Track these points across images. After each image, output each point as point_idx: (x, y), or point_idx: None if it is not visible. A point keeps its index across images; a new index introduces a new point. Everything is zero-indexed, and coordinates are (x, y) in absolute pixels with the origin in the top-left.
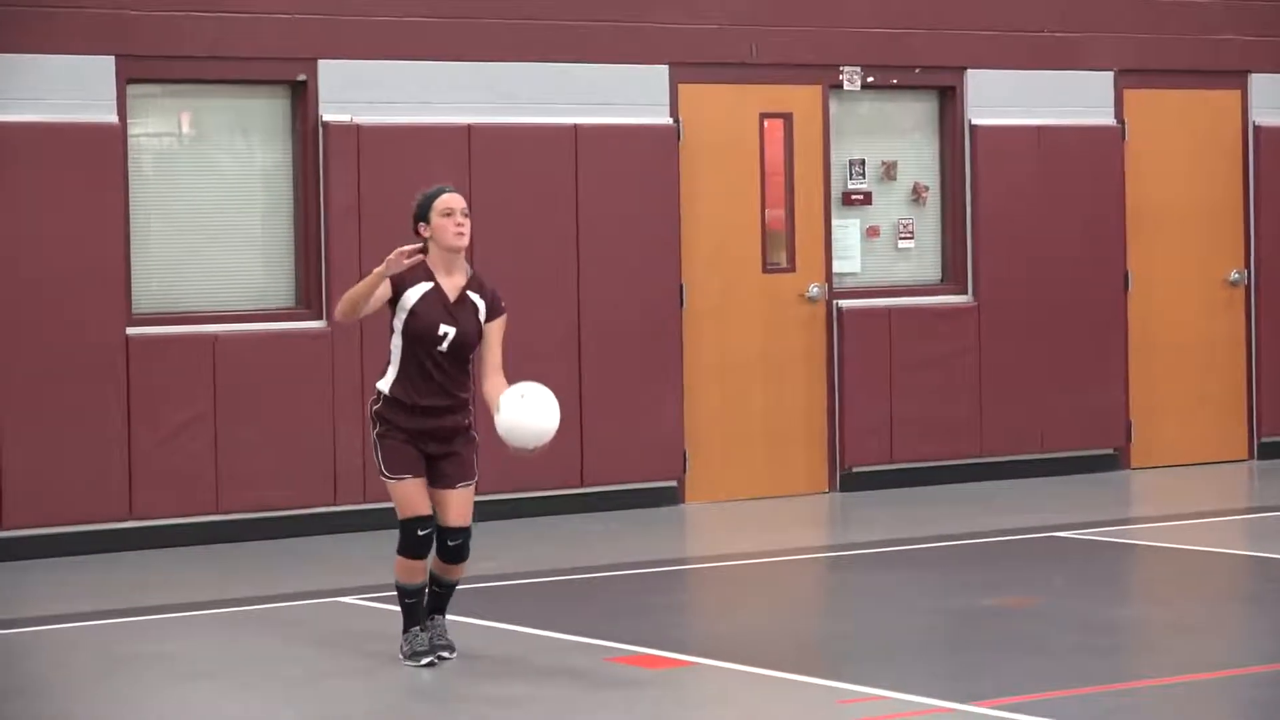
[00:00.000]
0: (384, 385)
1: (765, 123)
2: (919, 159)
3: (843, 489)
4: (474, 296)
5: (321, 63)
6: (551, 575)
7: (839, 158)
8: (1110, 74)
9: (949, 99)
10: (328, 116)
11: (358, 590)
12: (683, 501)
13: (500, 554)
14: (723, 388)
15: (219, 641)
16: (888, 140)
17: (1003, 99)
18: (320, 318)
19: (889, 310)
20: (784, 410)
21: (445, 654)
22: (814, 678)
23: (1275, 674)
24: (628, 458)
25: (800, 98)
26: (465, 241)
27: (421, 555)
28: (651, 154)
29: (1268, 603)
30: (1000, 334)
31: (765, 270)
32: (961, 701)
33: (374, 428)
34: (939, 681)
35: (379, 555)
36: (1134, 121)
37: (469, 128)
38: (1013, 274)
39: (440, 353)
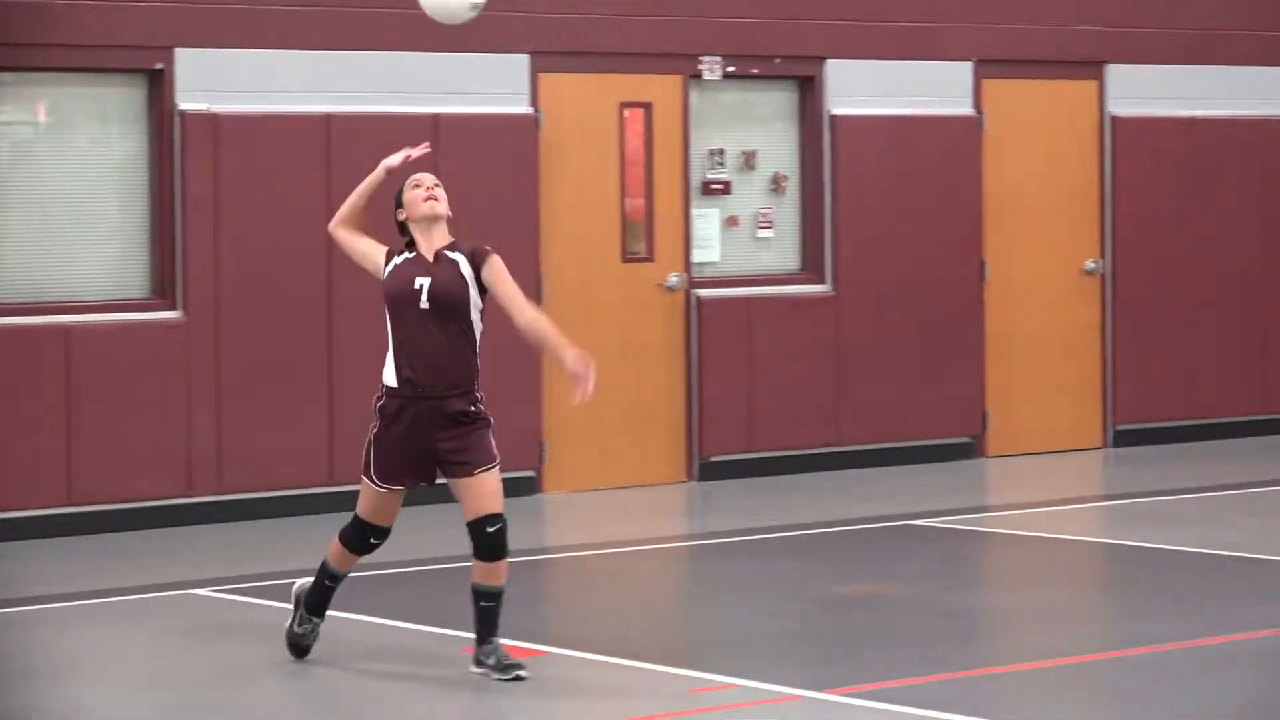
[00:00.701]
0: (385, 376)
1: (625, 112)
2: (779, 149)
3: (702, 478)
4: (451, 254)
5: (178, 51)
6: (411, 566)
7: (699, 147)
8: (969, 64)
9: (809, 89)
10: (184, 105)
11: (214, 582)
12: (541, 492)
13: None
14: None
15: (74, 635)
16: (748, 130)
17: (862, 89)
18: (175, 308)
19: (748, 299)
20: (643, 400)
21: (522, 672)
22: (668, 666)
23: (1127, 659)
24: None
25: (660, 87)
26: (439, 208)
27: (363, 553)
28: (511, 143)
29: (1121, 589)
30: (858, 323)
31: (624, 260)
32: (815, 689)
33: (373, 425)
34: (794, 669)
35: (235, 545)
36: (992, 112)
37: (328, 117)
38: (871, 263)
39: (424, 312)
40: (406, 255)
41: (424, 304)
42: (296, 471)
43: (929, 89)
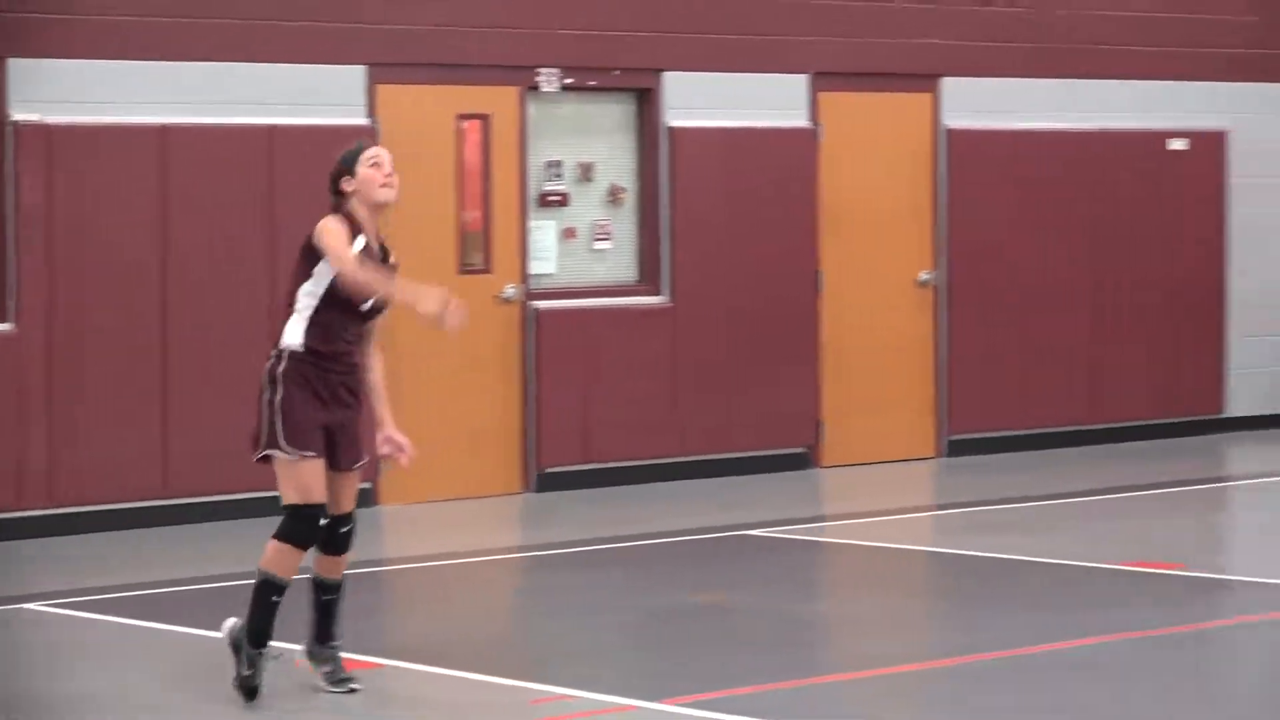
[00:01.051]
0: (293, 339)
1: (462, 124)
2: (616, 161)
3: (539, 489)
4: (392, 257)
5: (10, 62)
6: (237, 580)
7: (536, 159)
8: (805, 77)
9: (646, 101)
10: (17, 115)
11: (43, 597)
12: (378, 504)
13: (193, 559)
14: (416, 390)
15: None
16: (585, 142)
17: (699, 101)
18: (7, 320)
19: (585, 311)
20: (479, 412)
21: (355, 685)
22: (506, 678)
23: (960, 667)
24: None
25: (498, 99)
26: (394, 195)
27: (313, 543)
28: None
29: (953, 597)
30: (695, 334)
31: (461, 271)
32: (652, 699)
33: (275, 392)
34: (631, 680)
35: (66, 559)
36: (829, 124)
37: (163, 128)
38: (708, 275)
39: (359, 311)
40: (362, 241)
41: (365, 307)
42: (130, 485)
43: (766, 101)
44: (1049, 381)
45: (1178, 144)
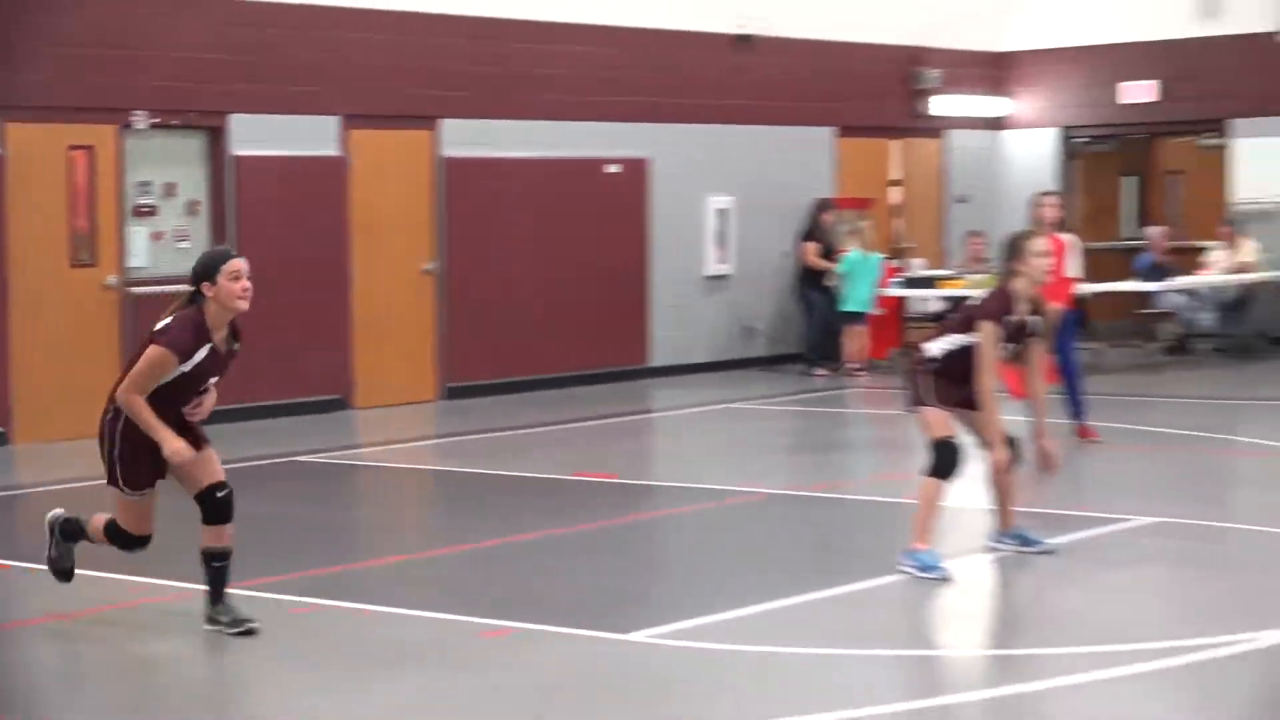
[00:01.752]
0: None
1: (73, 153)
2: (194, 181)
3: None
4: (234, 344)
5: None
6: None
7: (131, 180)
8: (337, 118)
9: (216, 136)
10: None
11: None
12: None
13: None
14: (31, 351)
15: None
16: (169, 167)
17: (257, 136)
18: None
19: (170, 295)
20: (93, 385)
21: (255, 627)
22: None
23: (457, 554)
24: None
25: (100, 134)
26: (248, 305)
27: (127, 551)
28: None
29: (450, 503)
30: (254, 313)
31: (73, 265)
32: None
33: (114, 446)
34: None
35: None
36: (356, 154)
37: None
38: (264, 268)
39: (197, 392)
40: (205, 351)
41: (200, 389)
42: None
43: (307, 136)
44: (521, 342)
45: (613, 168)
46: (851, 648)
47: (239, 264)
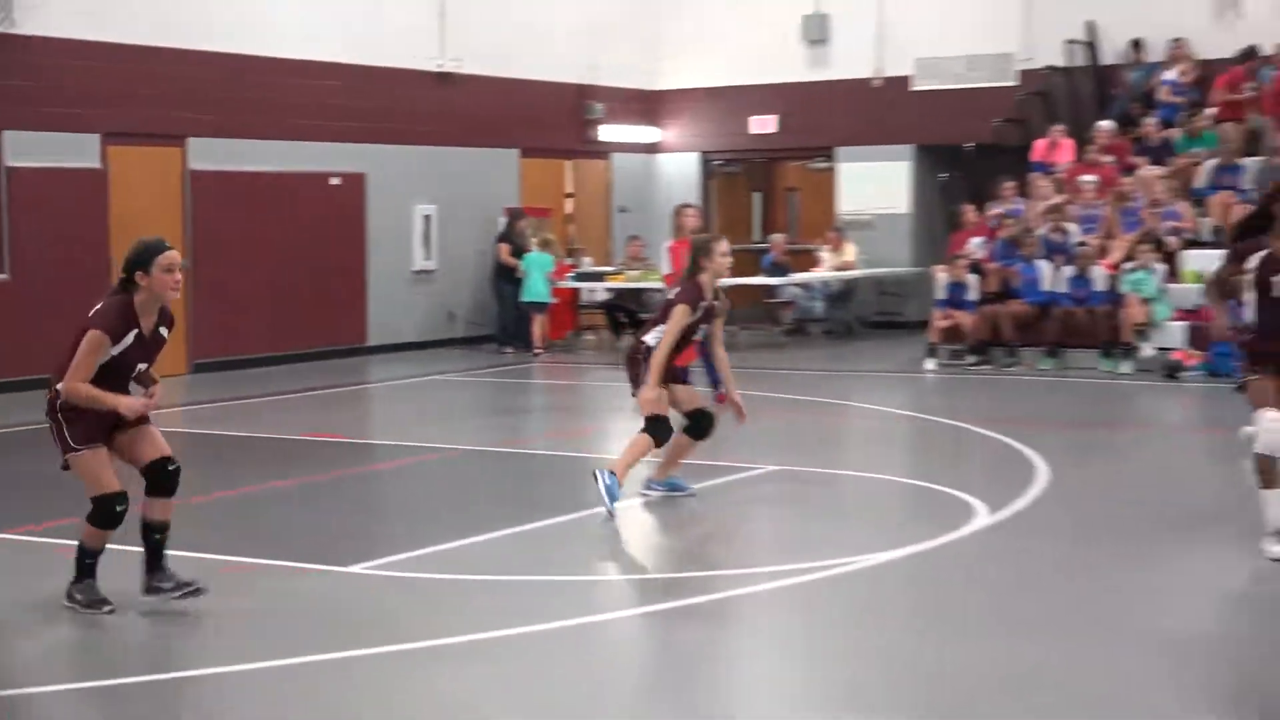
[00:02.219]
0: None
1: None
2: None
3: None
4: (163, 330)
5: None
6: None
7: None
8: (99, 135)
9: None
10: None
11: None
12: None
13: None
14: None
15: None
16: None
17: (28, 150)
18: None
19: None
20: None
21: (200, 587)
22: None
23: (234, 497)
24: None
25: None
26: (179, 295)
27: (117, 527)
28: None
29: (197, 461)
30: (22, 301)
31: None
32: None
33: (58, 419)
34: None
35: None
36: (114, 166)
37: None
38: (44, 256)
39: (128, 376)
40: (132, 336)
41: (133, 374)
42: None
43: (71, 151)
44: (259, 325)
45: (336, 181)
46: (534, 574)
47: (173, 256)
